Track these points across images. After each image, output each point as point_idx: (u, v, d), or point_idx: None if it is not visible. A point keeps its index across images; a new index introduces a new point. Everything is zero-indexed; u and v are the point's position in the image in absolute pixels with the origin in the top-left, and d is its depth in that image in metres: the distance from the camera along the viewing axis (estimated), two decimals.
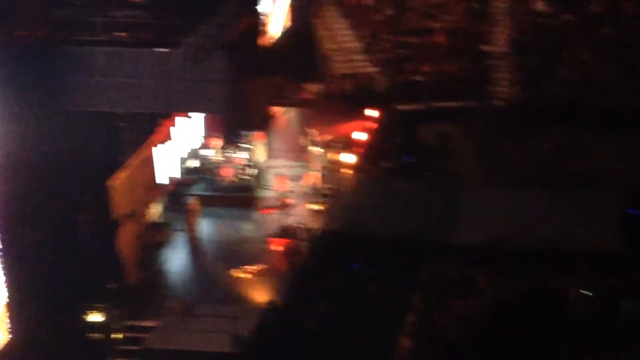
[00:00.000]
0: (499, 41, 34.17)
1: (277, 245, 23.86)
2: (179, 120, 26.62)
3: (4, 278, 19.41)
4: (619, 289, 20.58)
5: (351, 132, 29.79)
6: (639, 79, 31.02)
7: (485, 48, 34.16)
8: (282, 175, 26.80)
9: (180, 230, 25.13)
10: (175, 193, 26.52)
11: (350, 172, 27.83)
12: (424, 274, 21.40)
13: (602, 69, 31.77)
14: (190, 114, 27.03)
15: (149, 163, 24.95)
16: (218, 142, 28.03)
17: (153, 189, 25.39)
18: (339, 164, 28.09)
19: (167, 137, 26.12)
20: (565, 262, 21.67)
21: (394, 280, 21.90)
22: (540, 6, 34.05)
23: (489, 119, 29.96)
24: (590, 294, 20.36)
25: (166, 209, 26.21)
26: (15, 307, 19.75)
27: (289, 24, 33.76)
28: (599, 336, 19.99)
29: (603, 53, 32.18)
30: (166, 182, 25.98)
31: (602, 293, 20.41)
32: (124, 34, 22.45)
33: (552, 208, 24.65)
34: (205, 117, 27.95)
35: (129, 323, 21.23)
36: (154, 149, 25.21)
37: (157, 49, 22.24)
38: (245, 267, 23.04)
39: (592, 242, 22.75)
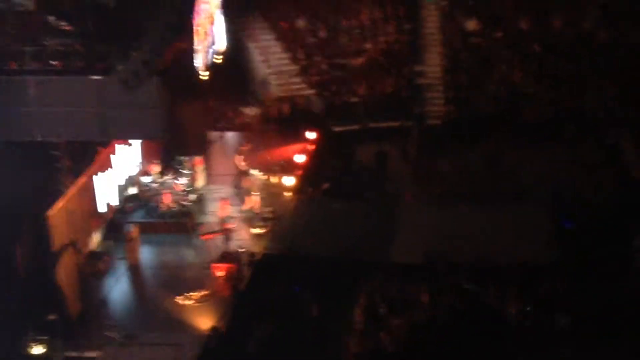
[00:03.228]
0: (431, 60, 34.75)
1: (219, 271, 23.79)
2: (118, 147, 26.50)
3: None
4: (554, 301, 20.90)
5: (289, 155, 29.92)
6: (567, 94, 31.72)
7: (418, 68, 34.68)
8: (223, 200, 26.78)
9: (120, 259, 24.93)
10: (115, 221, 26.32)
11: (290, 194, 27.92)
12: (364, 293, 21.49)
13: (531, 85, 32.42)
14: (129, 141, 26.93)
15: (87, 191, 24.75)
16: (156, 169, 27.92)
17: (92, 218, 25.18)
18: (279, 187, 28.17)
19: (107, 165, 25.97)
20: (501, 276, 21.96)
21: (335, 301, 21.97)
22: (470, 25, 34.67)
23: (424, 138, 30.32)
24: (526, 306, 20.63)
25: (105, 237, 25.99)
26: None
27: (224, 48, 33.80)
28: (535, 348, 20.29)
29: (531, 69, 32.84)
30: (105, 210, 25.80)
31: (538, 305, 20.70)
32: (55, 62, 22.29)
33: (486, 223, 25.03)
34: (142, 143, 27.84)
35: (71, 354, 20.96)
36: (93, 177, 25.04)
37: (90, 77, 22.14)
38: (188, 293, 22.92)
39: (526, 255, 23.11)
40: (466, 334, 20.16)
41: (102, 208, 25.55)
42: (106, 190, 25.80)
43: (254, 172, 27.59)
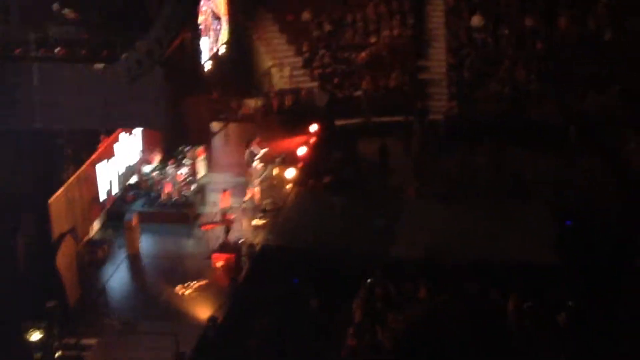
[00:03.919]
0: (436, 56, 34.73)
1: (219, 261, 23.83)
2: (122, 136, 26.52)
3: None
4: (555, 300, 20.90)
5: (292, 147, 29.91)
6: (570, 93, 31.69)
7: (422, 63, 34.66)
8: (225, 191, 26.80)
9: (120, 247, 24.95)
10: (115, 210, 26.35)
11: (291, 187, 27.93)
12: (363, 287, 21.51)
13: (535, 83, 32.38)
14: (133, 130, 26.96)
15: (88, 180, 24.79)
16: (158, 158, 27.93)
17: (92, 206, 25.23)
18: (280, 179, 28.18)
19: (109, 154, 26.00)
20: (503, 274, 21.96)
21: (333, 294, 22.00)
22: (476, 21, 34.63)
23: (427, 133, 30.31)
24: (528, 305, 20.63)
25: (105, 226, 26.03)
26: None
27: (228, 39, 33.81)
28: (535, 347, 20.30)
29: (535, 67, 32.80)
30: (106, 199, 25.84)
31: (539, 304, 20.70)
32: (59, 50, 22.29)
33: (488, 221, 25.02)
34: (144, 132, 27.86)
35: (68, 341, 21.00)
36: (95, 166, 25.07)
37: (93, 65, 22.13)
38: (186, 283, 22.95)
39: (527, 254, 23.11)
40: (465, 332, 20.16)
41: (102, 197, 25.59)
42: (107, 179, 25.83)
43: (256, 164, 27.52)
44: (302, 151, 29.48)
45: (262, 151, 28.30)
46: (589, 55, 33.06)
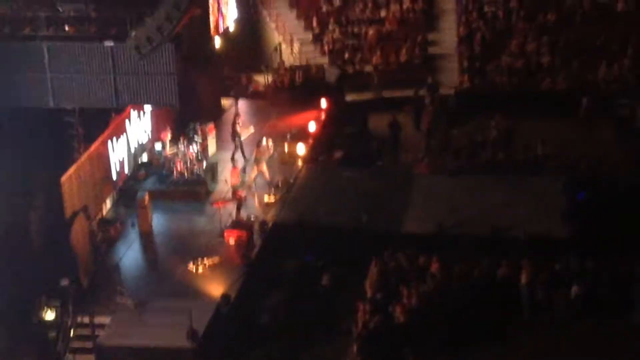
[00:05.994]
0: (446, 30, 34.54)
1: (231, 238, 23.85)
2: (132, 114, 26.50)
3: None
4: (567, 275, 20.86)
5: (302, 123, 29.84)
6: (582, 66, 31.47)
7: (433, 37, 34.47)
8: (235, 168, 26.76)
9: (132, 226, 24.99)
10: (127, 188, 26.38)
11: (302, 163, 27.88)
12: (375, 263, 21.49)
13: (546, 56, 32.16)
14: (144, 107, 26.93)
15: (100, 158, 24.81)
16: (169, 136, 27.91)
17: (104, 185, 25.25)
18: (291, 155, 28.12)
19: (120, 132, 25.99)
20: (515, 248, 21.91)
21: (345, 270, 21.99)
22: None
23: (438, 108, 30.17)
24: (539, 280, 20.60)
25: (117, 204, 26.07)
26: None
27: (238, 15, 33.69)
28: (547, 321, 20.31)
29: (547, 40, 32.56)
30: (117, 177, 25.86)
31: (551, 279, 20.66)
32: (69, 28, 22.25)
33: (500, 195, 24.93)
34: (154, 110, 27.82)
35: (82, 320, 21.10)
36: (106, 144, 25.08)
37: (103, 43, 22.09)
38: (199, 260, 22.99)
39: (540, 228, 23.04)
40: (478, 305, 20.15)
41: (114, 175, 25.61)
42: (118, 157, 25.83)
43: (267, 140, 27.44)
44: (312, 127, 29.41)
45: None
46: (601, 25, 32.80)
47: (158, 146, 27.83)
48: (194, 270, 22.82)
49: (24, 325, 20.78)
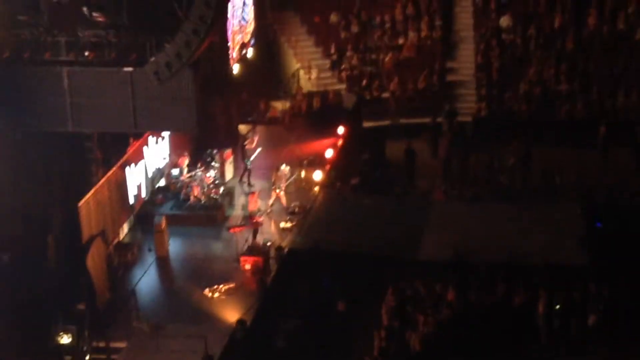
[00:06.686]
0: (464, 57, 34.58)
1: (247, 264, 23.86)
2: (150, 139, 26.64)
3: None
4: (584, 302, 20.74)
5: (319, 150, 29.88)
6: (599, 94, 31.43)
7: (450, 64, 34.52)
8: (252, 193, 26.81)
9: (149, 250, 25.05)
10: (144, 213, 26.46)
11: (319, 189, 27.90)
12: (391, 289, 21.44)
13: (564, 84, 32.14)
14: (162, 133, 27.07)
15: (117, 183, 24.91)
16: (186, 161, 28.02)
17: (122, 209, 25.34)
18: (308, 182, 28.16)
19: (138, 157, 26.11)
20: (532, 276, 21.82)
21: (361, 297, 21.94)
22: (504, 22, 34.40)
23: (455, 135, 30.17)
24: (557, 307, 20.50)
25: (134, 228, 26.14)
26: None
27: (256, 41, 33.86)
28: (564, 349, 20.18)
29: (564, 68, 32.55)
30: (135, 201, 25.95)
31: (568, 307, 20.55)
32: (89, 53, 22.42)
33: (517, 222, 24.86)
34: (172, 135, 27.96)
35: (98, 344, 21.11)
36: (124, 169, 25.20)
37: (122, 68, 22.24)
38: (215, 286, 23.00)
39: (557, 256, 22.94)
40: (494, 333, 20.06)
41: (131, 199, 25.71)
42: (136, 181, 25.94)
43: (284, 167, 27.50)
44: (329, 153, 29.44)
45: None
46: (619, 54, 32.78)
47: (175, 171, 27.93)
48: (210, 296, 22.83)
49: (41, 350, 20.79)
